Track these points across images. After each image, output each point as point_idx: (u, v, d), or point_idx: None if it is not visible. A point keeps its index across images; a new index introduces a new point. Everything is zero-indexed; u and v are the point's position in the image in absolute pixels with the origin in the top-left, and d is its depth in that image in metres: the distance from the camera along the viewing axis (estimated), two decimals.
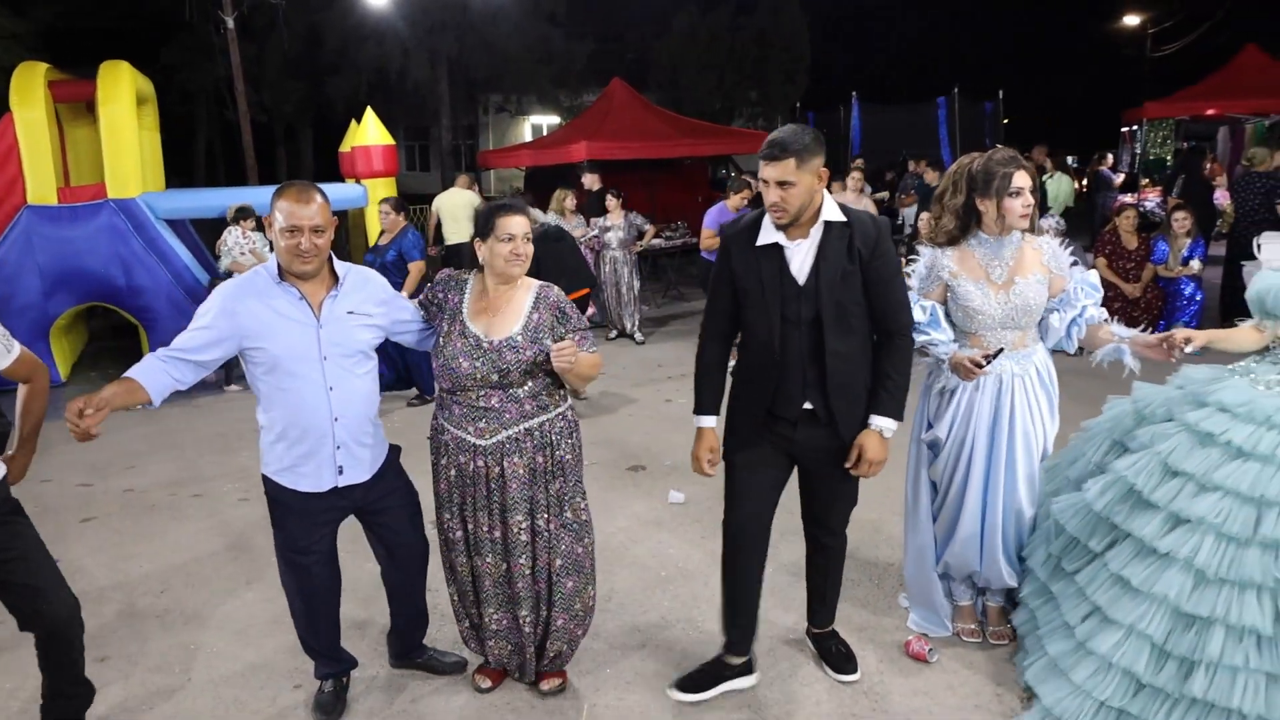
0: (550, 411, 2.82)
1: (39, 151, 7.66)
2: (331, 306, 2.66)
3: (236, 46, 13.49)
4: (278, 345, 2.58)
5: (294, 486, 2.70)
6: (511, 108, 23.59)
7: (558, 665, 3.04)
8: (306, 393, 2.62)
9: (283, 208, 2.53)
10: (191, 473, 5.57)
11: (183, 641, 3.53)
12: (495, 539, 2.81)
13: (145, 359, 2.56)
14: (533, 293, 2.82)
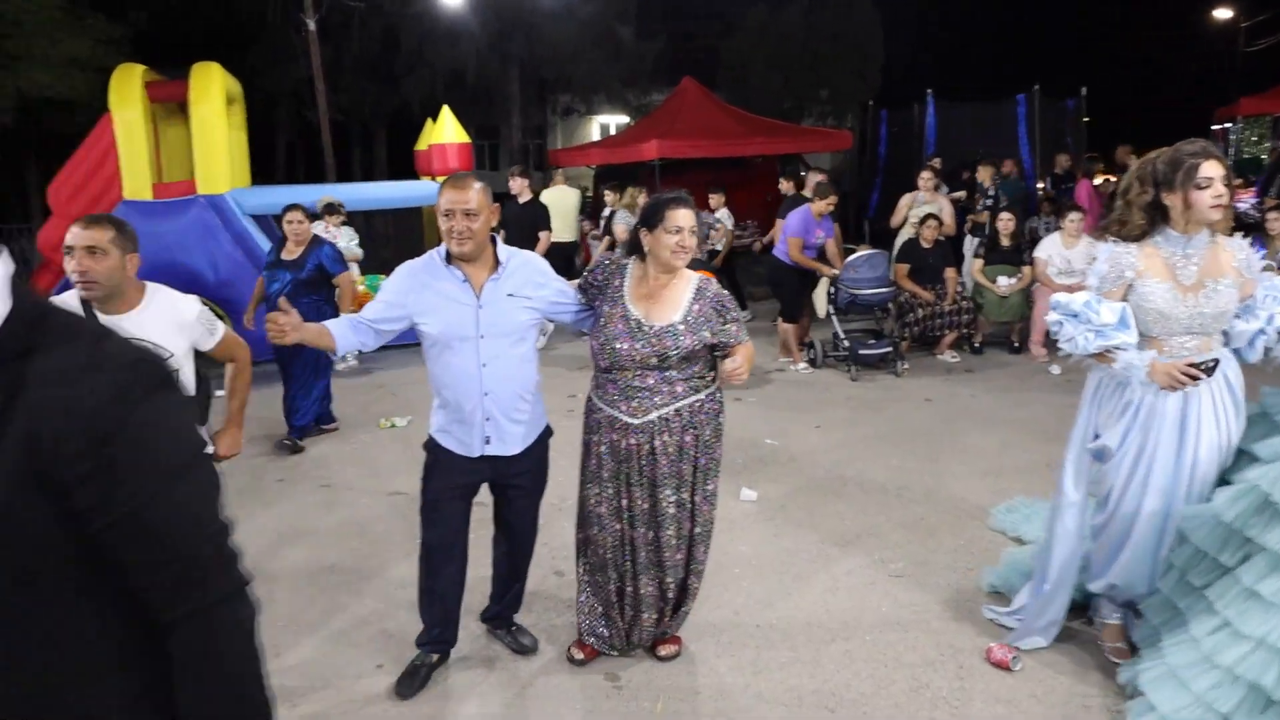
0: (700, 393, 2.94)
1: (135, 149, 8.01)
2: (493, 289, 2.83)
3: (317, 48, 13.88)
4: (439, 322, 2.81)
5: (448, 446, 2.94)
6: (580, 107, 23.78)
7: (678, 628, 3.22)
8: (461, 367, 2.82)
9: (443, 195, 2.74)
10: (278, 458, 5.76)
11: (268, 619, 3.62)
12: (643, 510, 2.96)
13: (344, 318, 2.92)
14: (693, 284, 2.93)
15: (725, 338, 2.92)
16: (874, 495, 4.70)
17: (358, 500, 4.97)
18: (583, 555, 3.15)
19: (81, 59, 10.93)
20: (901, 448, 5.44)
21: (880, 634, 3.33)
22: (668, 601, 3.11)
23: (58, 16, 10.67)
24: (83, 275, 2.59)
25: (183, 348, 2.79)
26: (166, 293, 2.84)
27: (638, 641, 3.19)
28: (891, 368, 7.27)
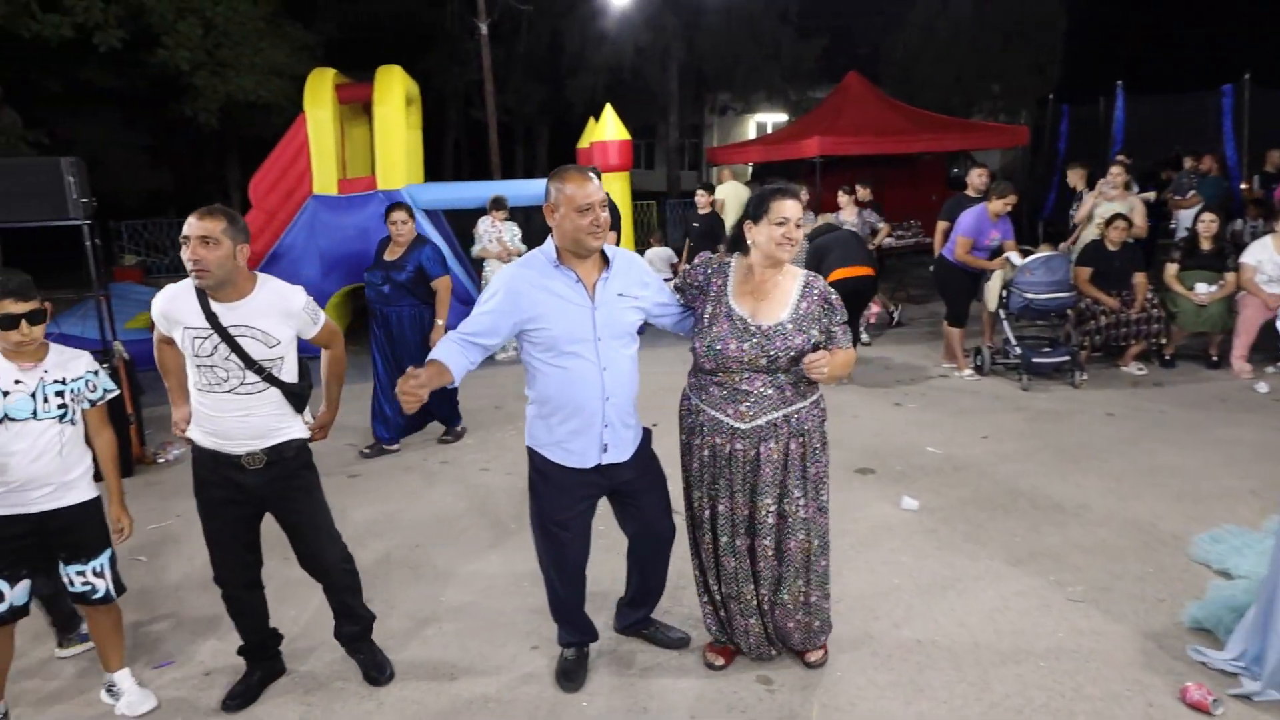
0: (807, 398, 2.83)
1: (325, 147, 8.61)
2: (604, 288, 2.75)
3: (488, 51, 14.46)
4: (556, 326, 2.69)
5: (560, 461, 2.82)
6: (739, 106, 23.65)
7: (815, 642, 3.06)
8: (581, 372, 2.72)
9: (571, 189, 2.63)
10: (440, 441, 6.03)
11: (432, 592, 3.81)
12: (745, 518, 2.86)
13: (443, 343, 2.74)
14: (800, 281, 2.82)
15: (830, 339, 2.78)
16: (1049, 513, 4.39)
17: (472, 485, 5.12)
18: (696, 555, 3.05)
19: (280, 66, 11.88)
20: (1080, 464, 5.05)
21: (1056, 661, 3.10)
22: (766, 615, 2.96)
23: (261, 27, 11.65)
24: (197, 264, 2.64)
25: (288, 335, 2.83)
26: (276, 283, 2.88)
27: (747, 649, 3.06)
28: (1068, 378, 6.78)
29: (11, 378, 2.65)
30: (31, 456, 2.67)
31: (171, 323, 2.77)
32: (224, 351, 2.71)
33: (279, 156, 8.90)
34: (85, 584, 2.84)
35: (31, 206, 5.31)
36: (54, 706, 3.05)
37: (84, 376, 2.81)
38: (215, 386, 2.75)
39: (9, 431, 2.64)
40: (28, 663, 3.32)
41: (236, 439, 2.78)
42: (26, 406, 2.66)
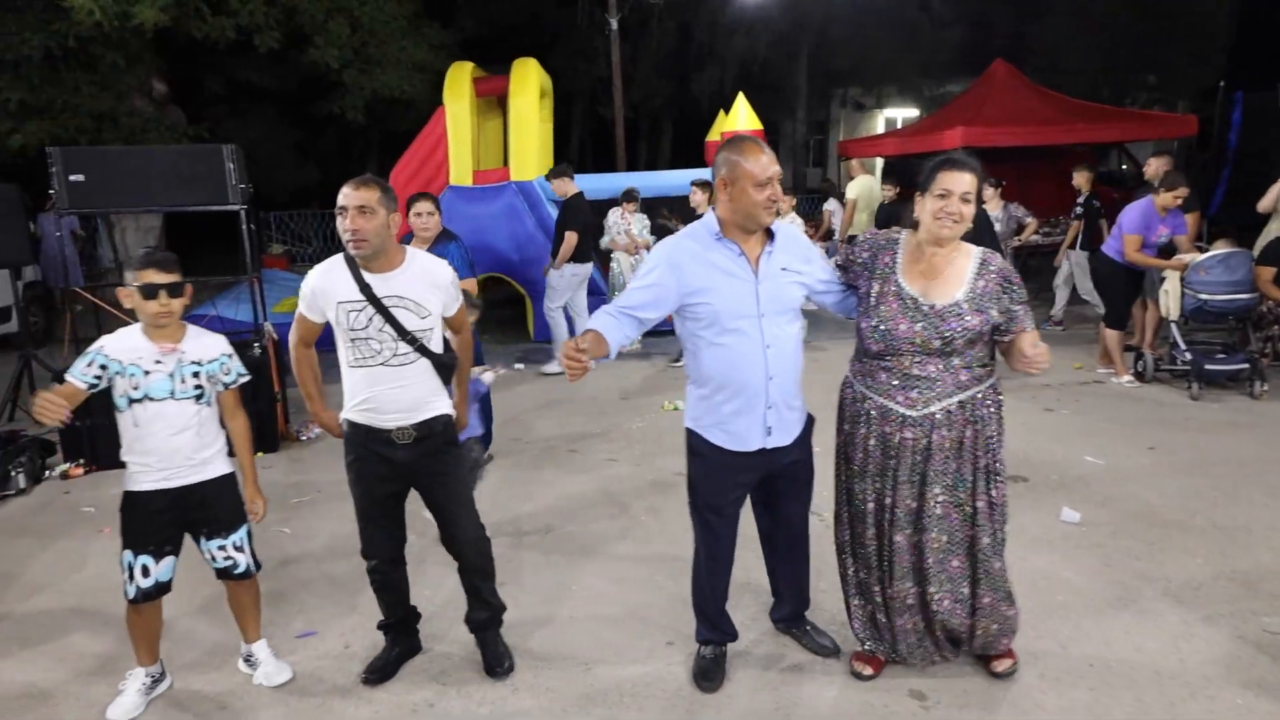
0: (983, 383, 2.63)
1: (462, 139, 8.80)
2: (767, 263, 2.64)
3: (617, 47, 14.52)
4: (719, 300, 2.59)
5: (721, 444, 2.72)
6: (868, 100, 23.00)
7: (996, 647, 2.86)
8: (744, 349, 2.61)
9: (750, 164, 2.52)
10: (568, 430, 6.03)
11: (563, 580, 3.76)
12: (912, 510, 2.67)
13: (598, 315, 2.67)
14: (975, 259, 2.63)
15: (1011, 319, 2.56)
16: (1233, 534, 3.96)
17: (640, 476, 5.05)
18: (848, 555, 2.87)
19: (421, 63, 12.28)
20: (1268, 482, 4.55)
21: (1255, 699, 2.75)
22: (934, 616, 2.75)
23: (404, 26, 12.07)
24: (355, 233, 2.64)
25: (437, 307, 2.84)
26: (424, 255, 2.91)
27: (904, 653, 2.86)
28: (1245, 387, 6.17)
29: (152, 358, 2.73)
30: (170, 434, 2.74)
31: (325, 300, 2.79)
32: (378, 323, 2.72)
33: (418, 148, 9.16)
34: (227, 559, 2.91)
35: (194, 192, 5.61)
36: (193, 674, 3.14)
37: (219, 359, 2.86)
38: (368, 360, 2.76)
39: (148, 410, 2.72)
40: (168, 631, 3.46)
41: (388, 413, 2.79)
42: (165, 386, 2.73)
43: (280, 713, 2.90)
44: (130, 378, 2.70)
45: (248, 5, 10.43)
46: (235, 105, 15.07)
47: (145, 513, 2.78)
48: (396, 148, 19.37)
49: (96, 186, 5.33)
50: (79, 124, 10.83)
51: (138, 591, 2.79)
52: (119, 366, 2.70)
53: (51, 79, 10.53)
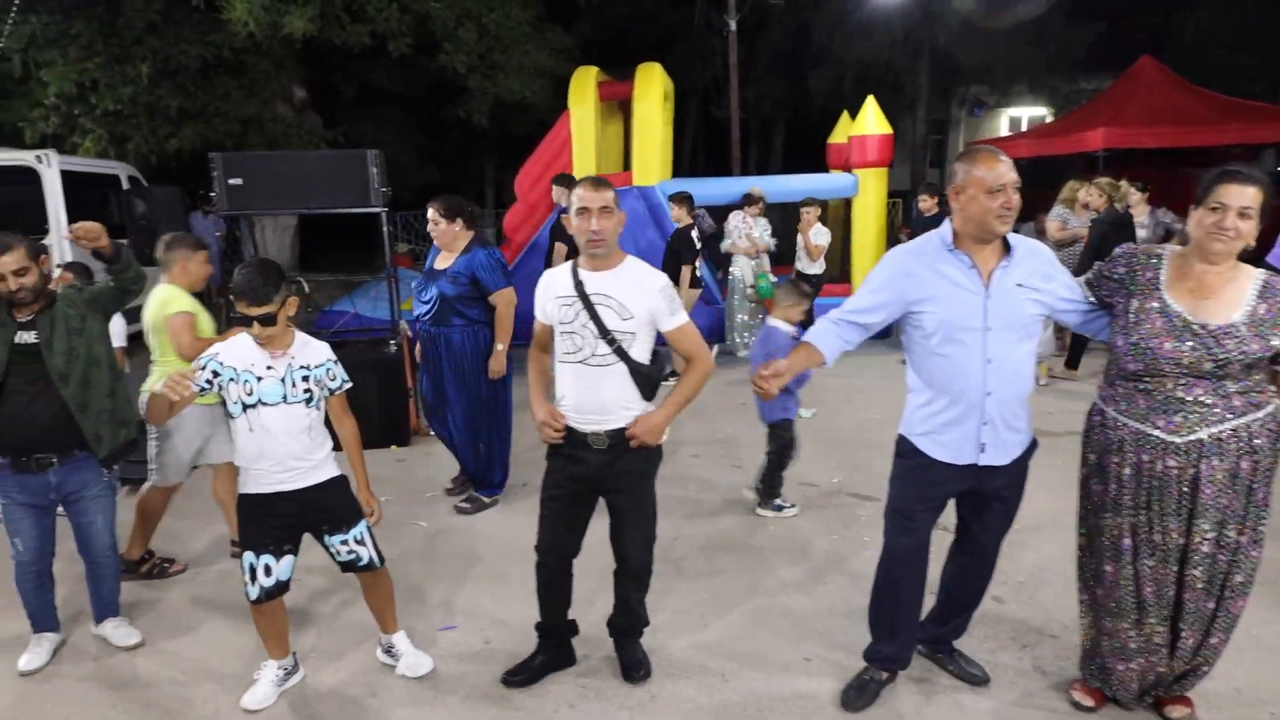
0: (1262, 409, 2.45)
1: (585, 143, 8.91)
2: (1001, 277, 2.56)
3: (735, 48, 14.44)
4: (944, 311, 2.57)
5: (930, 453, 2.68)
6: (991, 100, 22.12)
7: (1186, 689, 2.74)
8: (964, 362, 2.57)
9: (981, 171, 2.48)
10: (693, 434, 6.02)
11: (703, 589, 3.75)
12: (1174, 546, 2.53)
13: (819, 324, 2.73)
14: (1257, 281, 2.45)
15: None
16: None
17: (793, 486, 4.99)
18: (1092, 588, 2.75)
19: (543, 68, 12.54)
20: None
21: None
22: (1178, 654, 2.63)
23: (528, 32, 12.34)
24: (596, 234, 2.71)
25: (641, 314, 2.77)
26: (641, 263, 2.89)
27: (1125, 696, 2.75)
28: None
29: (264, 364, 2.83)
30: (284, 437, 2.83)
31: (547, 296, 2.88)
32: (583, 318, 2.76)
33: (543, 152, 9.33)
34: (350, 552, 3.00)
35: (340, 195, 5.86)
36: (334, 664, 3.27)
37: (324, 364, 2.94)
38: (571, 355, 2.81)
39: (262, 415, 2.82)
40: (309, 622, 3.61)
41: (586, 414, 2.82)
42: (277, 391, 2.82)
43: (417, 706, 2.99)
44: (244, 383, 2.79)
45: (384, 13, 10.88)
46: (366, 109, 15.72)
47: (264, 515, 2.88)
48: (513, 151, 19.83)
49: (253, 190, 5.64)
50: (228, 128, 11.53)
51: (260, 591, 2.88)
52: (232, 373, 2.79)
53: (206, 87, 11.25)
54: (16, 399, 3.02)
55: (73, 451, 3.14)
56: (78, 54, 10.28)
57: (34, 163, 6.85)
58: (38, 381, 3.05)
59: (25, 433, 3.04)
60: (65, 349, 3.10)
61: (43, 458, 3.09)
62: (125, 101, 10.53)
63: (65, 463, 3.14)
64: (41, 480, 3.11)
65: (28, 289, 3.01)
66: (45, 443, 3.08)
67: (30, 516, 3.17)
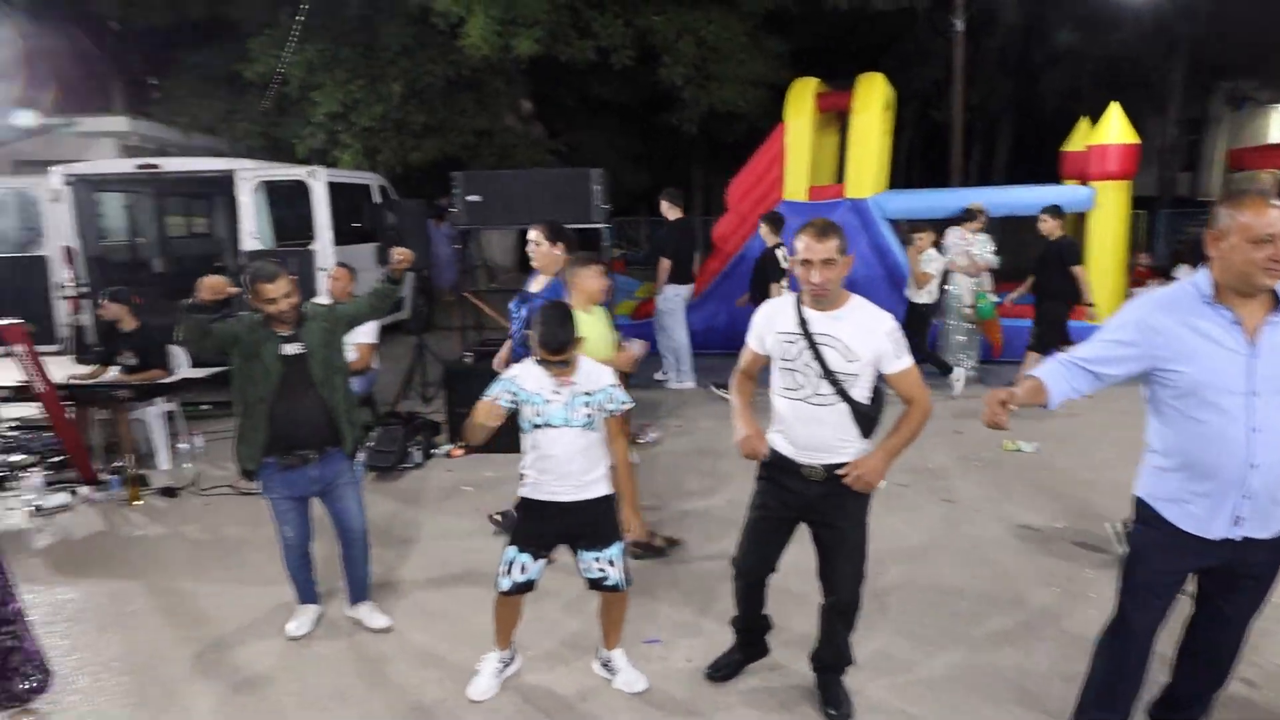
0: None
1: (800, 155, 8.87)
2: (1271, 334, 2.30)
3: (961, 49, 13.75)
4: (1197, 371, 2.33)
5: (1175, 521, 2.45)
6: (1264, 95, 19.61)
7: None
8: (1223, 430, 2.31)
9: (1247, 216, 2.24)
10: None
11: (909, 631, 3.66)
12: None
13: (1049, 363, 2.59)
14: None
15: None
16: None
17: (984, 524, 4.76)
18: None
19: (758, 76, 12.58)
20: None
21: None
22: None
23: (744, 41, 12.41)
24: (819, 286, 2.72)
25: (867, 356, 2.77)
26: (868, 305, 2.86)
27: None
28: None
29: (550, 389, 3.05)
30: (564, 457, 3.05)
31: (767, 329, 2.96)
32: (806, 357, 2.80)
33: (756, 164, 9.38)
34: (600, 570, 3.16)
35: (565, 210, 6.20)
36: (550, 664, 3.49)
37: (605, 390, 3.12)
38: (792, 391, 2.87)
39: (547, 435, 3.05)
40: (531, 620, 3.84)
41: (803, 447, 2.87)
42: (560, 415, 3.04)
43: (627, 713, 3.13)
44: (534, 405, 3.04)
45: (609, 29, 11.35)
46: (585, 118, 16.46)
47: (537, 519, 3.14)
48: (722, 156, 20.00)
49: (489, 205, 6.11)
50: (463, 141, 12.48)
51: (511, 584, 3.13)
52: (526, 395, 3.05)
53: (447, 103, 12.25)
54: (286, 403, 3.47)
55: (327, 447, 3.57)
56: (343, 77, 11.54)
57: (305, 177, 7.79)
58: (301, 387, 3.49)
59: (293, 431, 3.49)
60: (322, 359, 3.53)
61: (306, 453, 3.53)
62: (379, 118, 11.68)
63: (322, 457, 3.57)
64: (303, 474, 3.56)
65: (292, 309, 3.46)
66: (308, 440, 3.52)
67: (295, 508, 3.64)
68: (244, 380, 3.48)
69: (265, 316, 3.45)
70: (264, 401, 3.43)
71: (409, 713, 3.20)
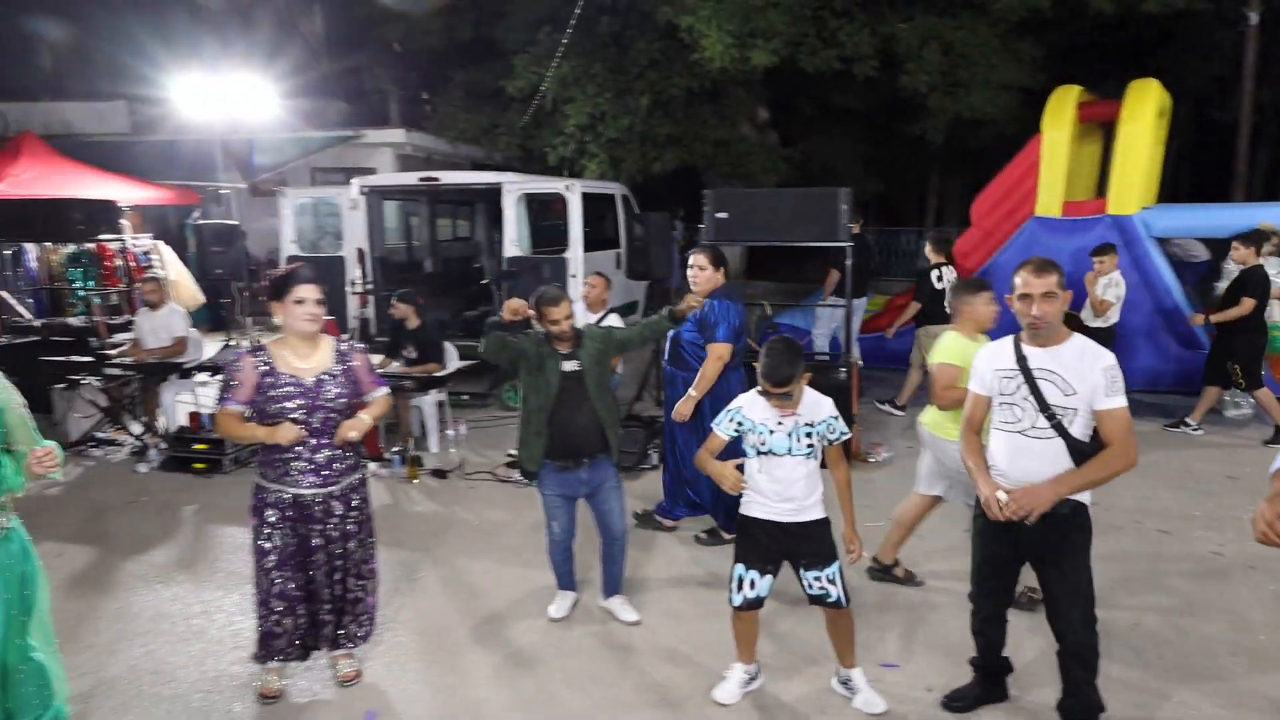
0: None
1: (1056, 168, 8.37)
2: None
3: (1254, 43, 12.29)
4: None
5: None
6: None
7: None
8: None
9: None
10: (1154, 504, 5.44)
11: (1158, 689, 3.45)
12: None
13: None
14: None
15: None
16: None
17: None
18: None
19: (1009, 81, 11.91)
20: None
21: None
22: None
23: (996, 45, 11.79)
24: (1039, 319, 2.83)
25: (1085, 391, 2.82)
26: (1084, 339, 2.93)
27: None
28: None
29: (775, 420, 3.20)
30: (786, 482, 3.21)
31: (986, 369, 3.07)
32: (1024, 391, 2.90)
33: (1006, 176, 8.97)
34: (820, 588, 3.28)
35: (811, 228, 6.28)
36: (788, 678, 3.62)
37: (826, 420, 3.24)
38: (1010, 424, 2.95)
39: (770, 461, 3.22)
40: (769, 637, 3.98)
41: (1017, 482, 2.91)
42: (783, 444, 3.20)
43: None
44: (759, 434, 3.22)
45: (854, 38, 11.25)
46: (819, 125, 16.33)
47: (757, 536, 3.30)
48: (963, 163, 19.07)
49: (736, 222, 6.31)
50: (702, 150, 12.86)
51: (743, 600, 3.31)
52: (751, 424, 3.24)
53: (688, 114, 12.67)
54: (565, 412, 3.84)
55: (597, 454, 3.91)
56: (593, 90, 12.27)
57: (563, 190, 8.40)
58: (576, 400, 3.85)
59: (568, 439, 3.87)
60: (596, 376, 3.88)
61: (579, 458, 3.89)
62: (624, 130, 12.30)
63: (592, 462, 3.92)
64: (575, 476, 3.92)
65: (572, 329, 3.83)
66: (582, 447, 3.88)
67: (564, 506, 4.02)
68: (528, 390, 3.91)
69: (547, 335, 3.85)
70: (543, 411, 3.84)
71: (659, 704, 3.46)
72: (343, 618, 3.50)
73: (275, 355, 3.24)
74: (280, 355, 3.25)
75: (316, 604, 3.40)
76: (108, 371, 6.78)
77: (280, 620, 3.32)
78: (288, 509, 3.26)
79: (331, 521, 3.33)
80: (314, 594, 3.38)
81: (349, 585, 3.46)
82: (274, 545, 3.27)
